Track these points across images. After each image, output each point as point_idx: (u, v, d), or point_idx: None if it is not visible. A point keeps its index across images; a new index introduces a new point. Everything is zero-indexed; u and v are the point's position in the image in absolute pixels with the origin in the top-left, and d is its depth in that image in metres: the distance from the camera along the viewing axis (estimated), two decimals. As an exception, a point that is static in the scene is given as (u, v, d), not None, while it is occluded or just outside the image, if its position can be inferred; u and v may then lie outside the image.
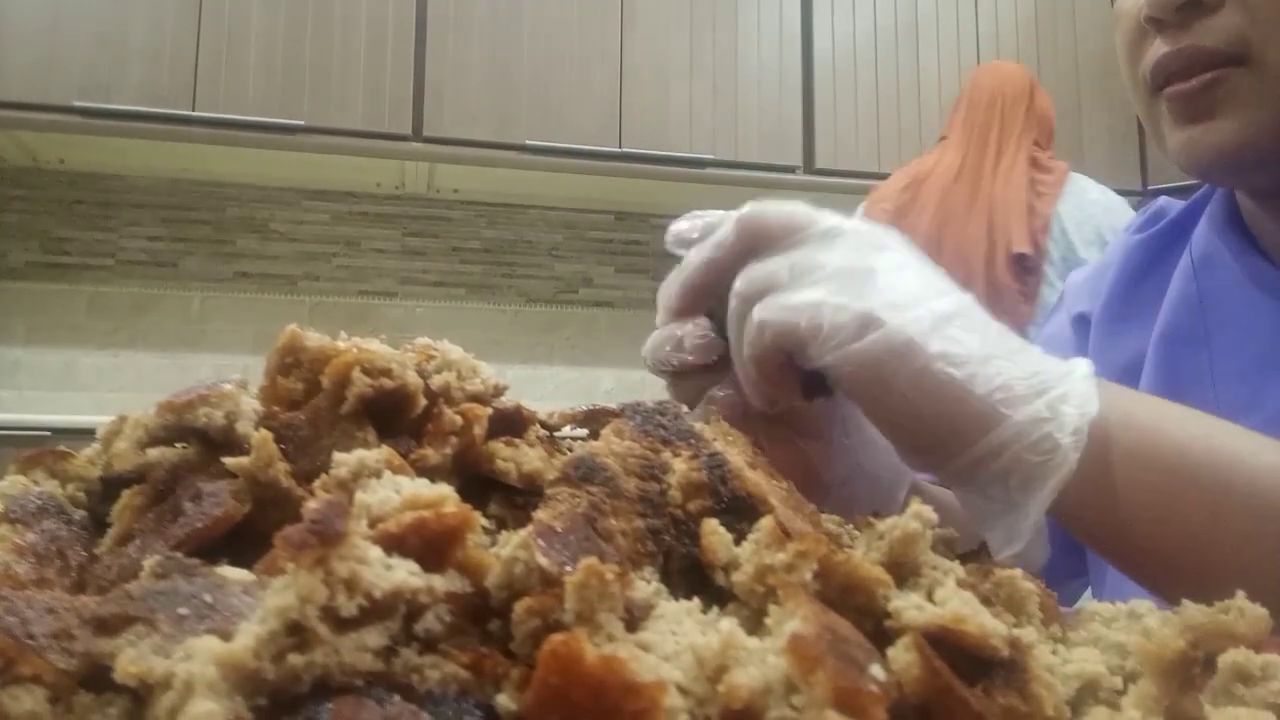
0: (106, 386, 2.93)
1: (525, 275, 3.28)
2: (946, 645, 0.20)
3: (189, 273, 3.04)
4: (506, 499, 0.31)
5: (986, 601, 0.23)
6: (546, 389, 3.16)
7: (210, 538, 0.28)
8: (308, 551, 0.17)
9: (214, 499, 0.29)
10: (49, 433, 2.23)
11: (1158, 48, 0.59)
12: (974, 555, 0.29)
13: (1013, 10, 3.25)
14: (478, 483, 0.32)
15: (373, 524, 0.20)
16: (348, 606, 0.18)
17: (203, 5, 2.67)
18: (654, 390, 0.46)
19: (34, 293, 2.93)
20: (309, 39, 2.72)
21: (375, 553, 0.19)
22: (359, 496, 0.21)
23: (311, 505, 0.19)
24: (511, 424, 0.35)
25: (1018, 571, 0.27)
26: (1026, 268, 2.11)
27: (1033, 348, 0.43)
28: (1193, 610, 0.25)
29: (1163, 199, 0.77)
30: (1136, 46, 0.62)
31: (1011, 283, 2.08)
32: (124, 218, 3.01)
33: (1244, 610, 0.24)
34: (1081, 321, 0.75)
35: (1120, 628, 0.27)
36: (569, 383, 3.19)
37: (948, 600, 0.21)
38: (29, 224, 2.95)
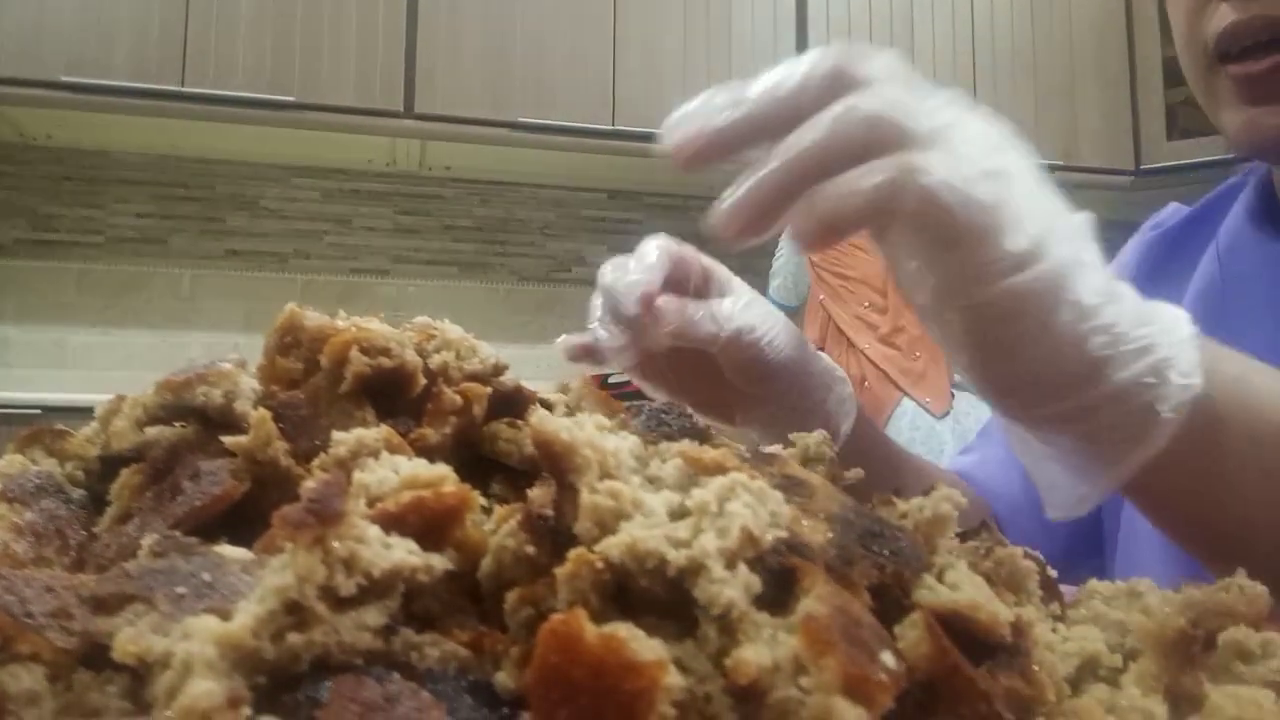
0: (97, 364, 2.92)
1: (518, 254, 3.27)
2: (953, 626, 0.20)
3: (179, 250, 3.02)
4: (508, 479, 0.31)
5: (988, 579, 0.23)
6: (539, 368, 3.16)
7: (209, 516, 0.28)
8: (306, 530, 0.17)
9: (213, 478, 0.29)
10: (39, 411, 2.22)
11: (1224, 15, 0.57)
12: (974, 533, 0.29)
13: (1008, -12, 3.23)
14: (479, 462, 0.32)
15: (371, 503, 0.20)
16: (346, 585, 0.17)
17: (191, -21, 2.64)
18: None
19: (23, 270, 2.91)
20: (300, 14, 2.70)
21: (374, 532, 0.18)
22: (357, 476, 0.21)
23: (310, 485, 0.19)
24: (512, 404, 0.35)
25: (1019, 550, 0.27)
26: None
27: (1130, 289, 0.38)
28: (1193, 588, 0.25)
29: (1173, 205, 0.77)
30: (1198, 13, 0.60)
31: None
32: (113, 194, 2.99)
33: (1244, 588, 0.24)
34: None
35: (1120, 605, 0.27)
36: (562, 362, 3.18)
37: (960, 584, 0.21)
38: (17, 201, 2.92)
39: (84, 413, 0.38)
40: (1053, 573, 0.28)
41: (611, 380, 3.08)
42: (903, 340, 2.17)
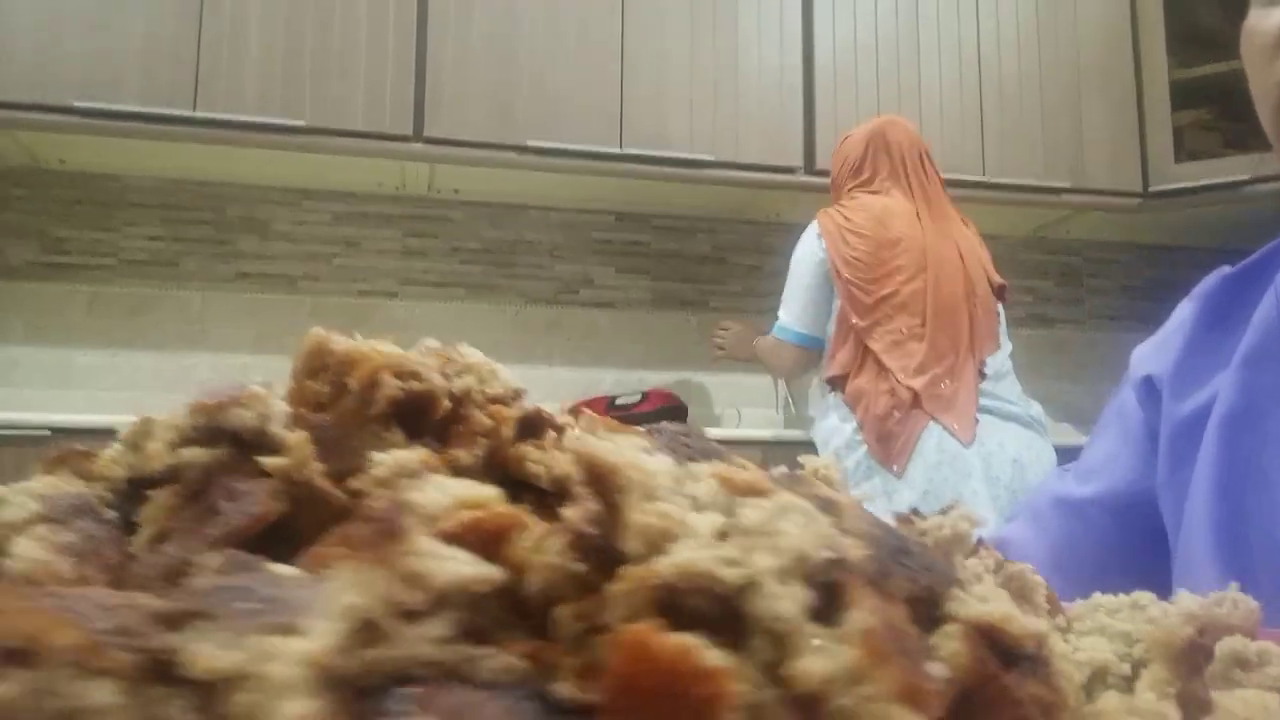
0: (105, 386, 2.94)
1: (526, 276, 3.28)
2: (985, 637, 0.21)
3: (189, 273, 3.05)
4: (537, 500, 0.32)
5: (1001, 593, 0.24)
6: (546, 389, 3.17)
7: (247, 536, 0.29)
8: (375, 549, 0.18)
9: (250, 498, 0.30)
10: (48, 432, 2.22)
11: None
12: (973, 552, 0.30)
13: (1014, 11, 3.25)
14: (504, 483, 0.33)
15: (424, 522, 0.21)
16: (414, 600, 0.18)
17: (203, 5, 2.67)
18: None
19: (33, 292, 2.94)
20: (309, 39, 2.73)
21: (436, 547, 0.19)
22: (410, 496, 0.22)
23: (373, 504, 0.20)
24: (532, 427, 0.36)
25: (1027, 565, 0.28)
26: (1003, 297, 2.26)
27: None
28: (1189, 601, 0.26)
29: (1218, 270, 0.79)
30: (1271, 58, 0.64)
31: (996, 309, 2.19)
32: (124, 217, 3.02)
33: (1237, 602, 0.25)
34: (1147, 385, 0.77)
35: (1124, 618, 0.28)
36: (569, 383, 3.20)
37: (989, 598, 0.22)
38: (29, 223, 2.95)
39: (91, 434, 0.39)
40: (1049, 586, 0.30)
41: (619, 403, 3.06)
42: (940, 366, 2.09)
